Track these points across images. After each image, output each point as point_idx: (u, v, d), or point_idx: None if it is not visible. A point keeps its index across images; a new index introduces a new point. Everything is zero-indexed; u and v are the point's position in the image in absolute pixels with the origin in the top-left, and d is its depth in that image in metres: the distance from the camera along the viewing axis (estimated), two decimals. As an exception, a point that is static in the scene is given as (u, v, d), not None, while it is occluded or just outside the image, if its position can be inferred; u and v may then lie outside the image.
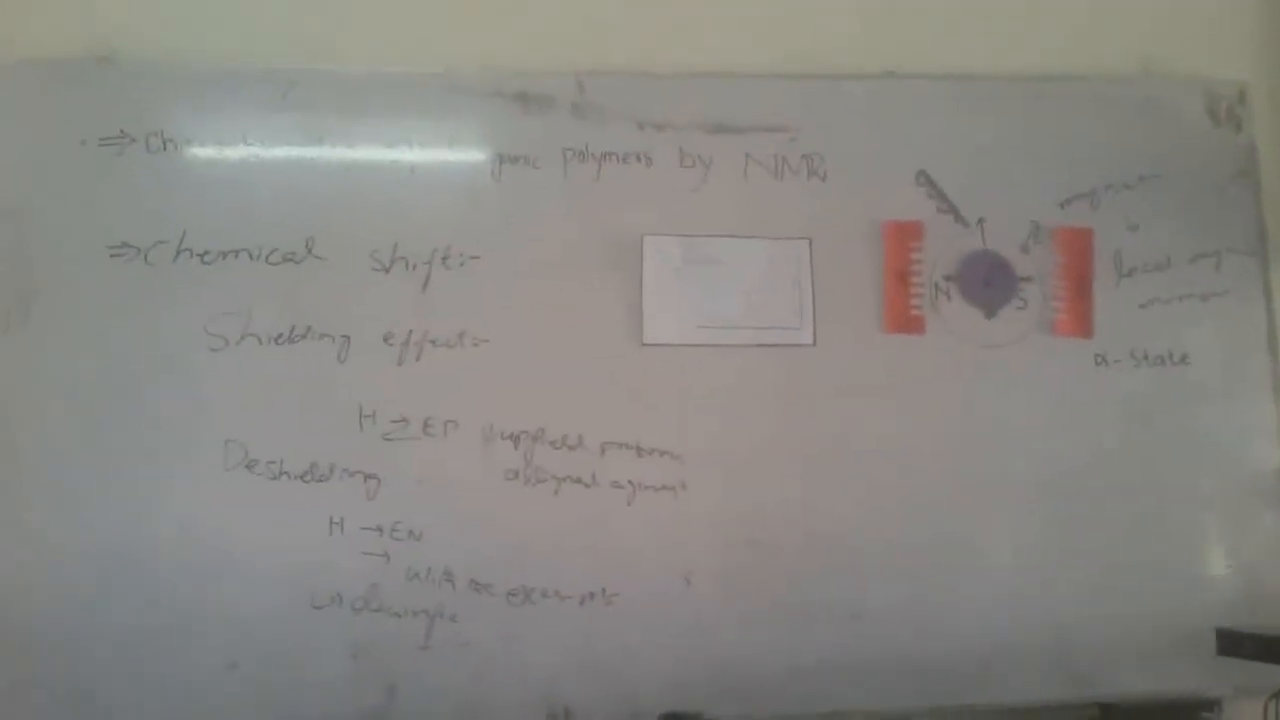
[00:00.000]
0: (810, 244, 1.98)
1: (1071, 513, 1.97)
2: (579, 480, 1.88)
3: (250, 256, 1.88)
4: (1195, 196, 2.08)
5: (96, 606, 1.78)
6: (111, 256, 1.85)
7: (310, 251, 1.89)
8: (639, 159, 1.97)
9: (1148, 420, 2.01)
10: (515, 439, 1.88)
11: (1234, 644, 1.81)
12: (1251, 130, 2.11)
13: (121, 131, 1.88)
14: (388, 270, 1.90)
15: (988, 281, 2.01)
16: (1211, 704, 1.93)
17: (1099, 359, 2.02)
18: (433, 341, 1.89)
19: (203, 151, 1.90)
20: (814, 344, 1.96)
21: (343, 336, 1.87)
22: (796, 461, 1.93)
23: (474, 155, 1.95)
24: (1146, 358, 2.03)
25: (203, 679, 1.78)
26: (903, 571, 1.93)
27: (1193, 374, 2.03)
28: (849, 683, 1.89)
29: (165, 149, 1.89)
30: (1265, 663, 1.77)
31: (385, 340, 1.88)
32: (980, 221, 2.02)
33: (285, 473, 1.83)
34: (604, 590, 1.87)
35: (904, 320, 1.99)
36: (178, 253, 1.87)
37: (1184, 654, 1.94)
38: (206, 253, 1.87)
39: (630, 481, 1.90)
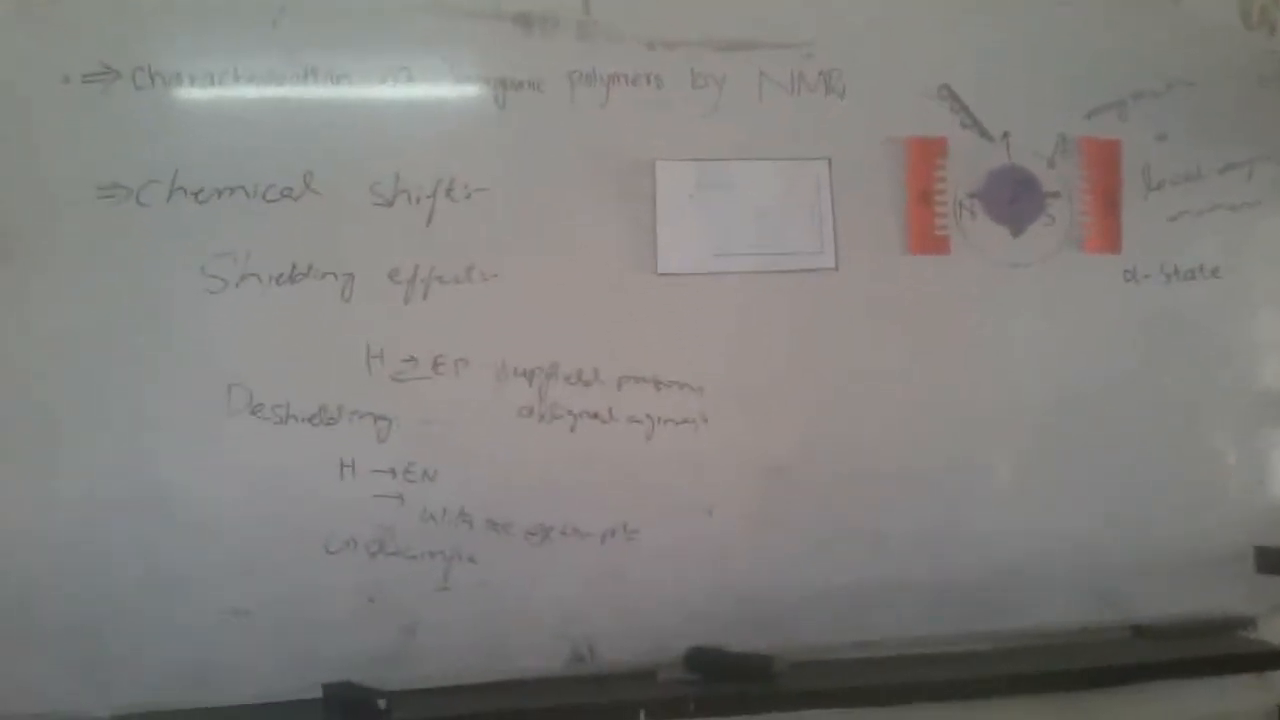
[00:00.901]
0: (829, 164, 1.91)
1: (1103, 431, 1.94)
2: (596, 416, 1.83)
3: (246, 194, 1.79)
4: (1226, 104, 2.01)
5: (100, 554, 1.71)
6: (101, 197, 1.76)
7: (309, 187, 1.80)
8: (649, 80, 1.88)
9: (1180, 335, 1.97)
10: (529, 375, 1.83)
11: (1275, 562, 1.80)
12: (1286, 34, 2.04)
13: (105, 66, 1.78)
14: (390, 204, 1.82)
15: (1014, 198, 1.95)
16: (1247, 622, 1.92)
17: (1128, 275, 1.97)
18: (440, 278, 1.82)
19: (193, 85, 1.79)
20: (836, 268, 1.90)
21: (346, 274, 1.80)
22: (820, 388, 1.88)
23: (475, 81, 1.85)
24: (1177, 272, 1.98)
25: (209, 625, 1.73)
26: (929, 497, 1.90)
27: (1224, 287, 1.99)
28: (876, 611, 1.87)
29: (153, 83, 1.79)
30: (1306, 579, 1.75)
31: (391, 277, 1.81)
32: (1005, 135, 1.95)
33: (292, 416, 1.77)
34: (625, 526, 1.83)
35: (928, 241, 1.92)
36: (171, 192, 1.77)
37: (1217, 574, 1.94)
38: (201, 191, 1.78)
39: (649, 415, 1.85)
